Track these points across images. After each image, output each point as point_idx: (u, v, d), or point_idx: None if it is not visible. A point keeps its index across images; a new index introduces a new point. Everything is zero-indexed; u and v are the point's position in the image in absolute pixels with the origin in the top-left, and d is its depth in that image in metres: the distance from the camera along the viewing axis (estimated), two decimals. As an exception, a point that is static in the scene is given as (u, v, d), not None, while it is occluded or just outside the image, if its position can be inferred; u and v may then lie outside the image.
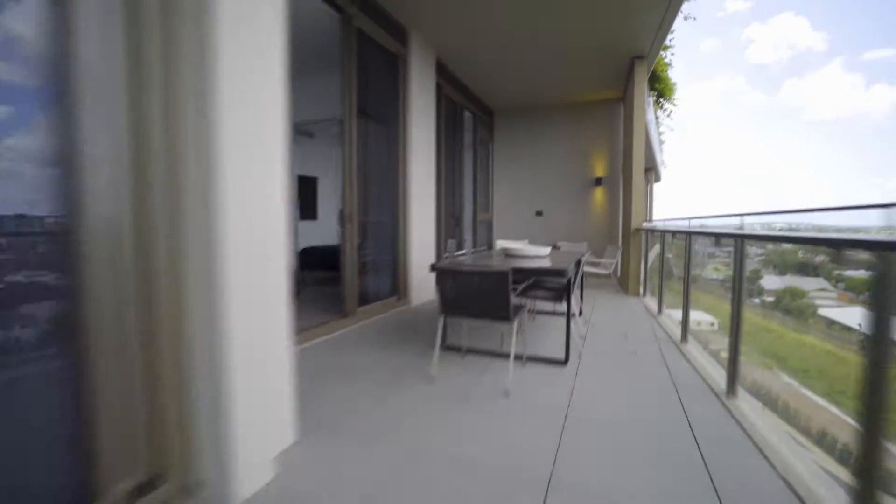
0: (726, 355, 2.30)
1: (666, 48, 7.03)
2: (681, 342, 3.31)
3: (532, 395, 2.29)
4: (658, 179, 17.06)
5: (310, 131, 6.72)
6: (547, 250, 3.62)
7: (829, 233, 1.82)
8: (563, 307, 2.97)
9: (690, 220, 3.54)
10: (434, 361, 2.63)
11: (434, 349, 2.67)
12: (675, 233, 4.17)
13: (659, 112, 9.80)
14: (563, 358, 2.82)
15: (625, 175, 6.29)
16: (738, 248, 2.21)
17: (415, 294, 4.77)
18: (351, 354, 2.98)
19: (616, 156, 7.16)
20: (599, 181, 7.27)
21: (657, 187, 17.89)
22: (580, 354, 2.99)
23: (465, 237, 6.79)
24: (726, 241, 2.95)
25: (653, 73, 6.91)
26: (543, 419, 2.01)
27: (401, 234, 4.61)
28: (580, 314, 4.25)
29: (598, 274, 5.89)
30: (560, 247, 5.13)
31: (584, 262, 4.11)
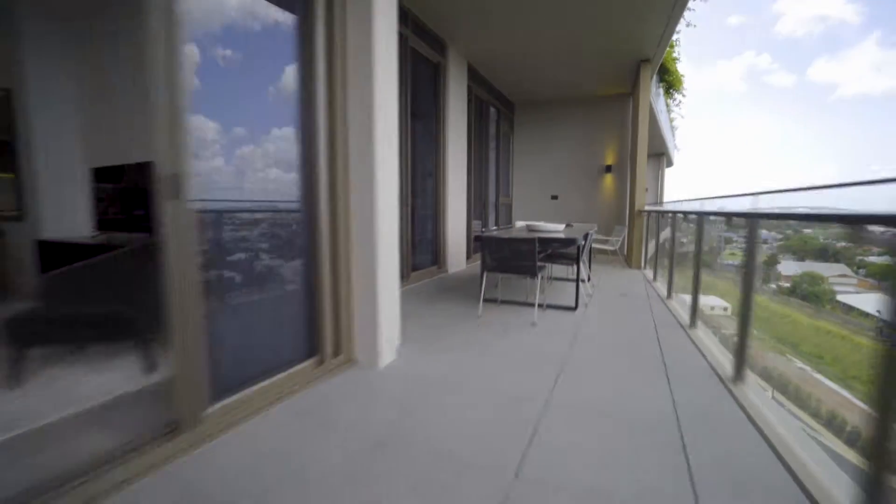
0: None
1: (672, 45, 7.71)
2: (689, 328, 3.28)
3: (551, 325, 3.27)
4: (670, 164, 17.58)
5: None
6: (562, 227, 4.55)
7: (841, 211, 1.59)
8: (575, 271, 3.91)
9: (704, 202, 3.41)
10: (480, 306, 3.63)
11: (476, 300, 3.66)
12: (674, 213, 5.02)
13: (670, 100, 10.46)
14: (574, 305, 3.79)
15: (631, 163, 7.10)
16: (751, 229, 2.12)
17: (450, 264, 5.76)
18: (416, 304, 3.97)
19: (624, 145, 7.94)
20: (609, 168, 8.09)
21: (670, 171, 18.40)
22: (586, 304, 3.95)
23: (490, 218, 7.72)
24: (740, 225, 2.68)
25: (662, 66, 7.62)
26: (559, 337, 2.98)
27: (440, 215, 5.57)
28: (588, 280, 5.18)
29: (606, 250, 6.80)
30: (573, 226, 6.03)
31: (593, 239, 5.03)
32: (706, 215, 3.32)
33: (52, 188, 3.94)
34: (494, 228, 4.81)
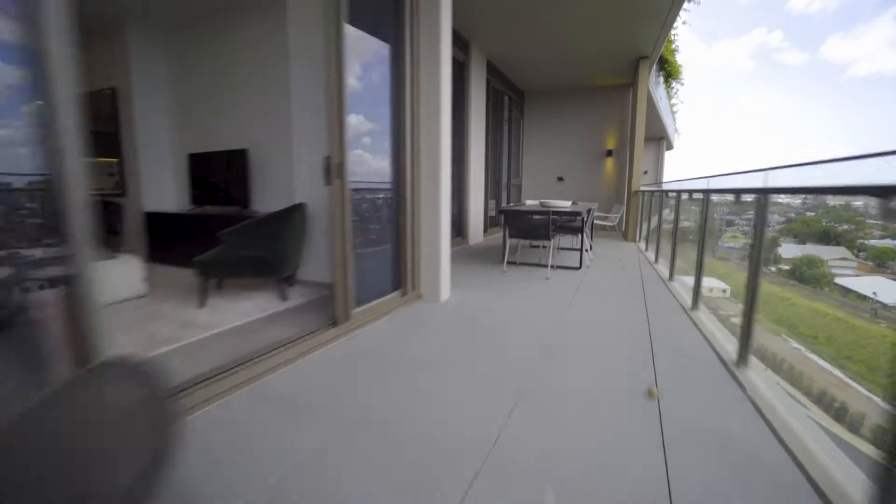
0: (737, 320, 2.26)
1: (671, 40, 8.42)
2: (668, 280, 4.17)
3: (560, 279, 4.21)
4: (670, 147, 18.28)
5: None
6: (569, 203, 5.44)
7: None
8: (579, 241, 4.84)
9: (709, 180, 3.30)
10: (504, 265, 4.57)
11: (498, 264, 4.59)
12: (664, 192, 5.90)
13: (669, 89, 11.17)
14: (578, 266, 4.72)
15: (630, 148, 7.93)
16: (760, 206, 1.97)
17: (471, 236, 6.69)
18: (451, 266, 4.90)
19: (624, 131, 8.75)
20: (610, 152, 8.92)
21: (673, 154, 19.09)
22: (588, 266, 4.89)
23: (502, 197, 8.60)
24: (745, 208, 2.54)
25: (661, 57, 8.35)
26: (567, 286, 3.93)
27: (464, 194, 6.46)
28: (591, 249, 6.11)
29: (606, 226, 7.71)
30: (577, 204, 6.92)
31: (594, 215, 5.93)
32: (685, 192, 4.21)
33: (152, 170, 4.83)
34: (512, 205, 5.71)
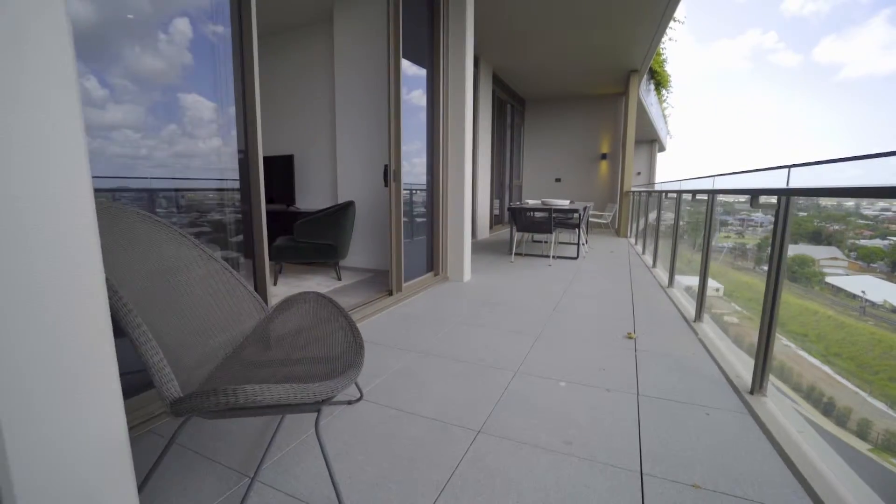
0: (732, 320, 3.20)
1: (659, 53, 9.20)
2: (652, 267, 5.85)
3: (560, 266, 4.95)
4: (662, 150, 19.13)
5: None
6: (567, 202, 6.19)
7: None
8: (576, 235, 5.58)
9: (714, 179, 3.22)
10: (512, 256, 5.32)
11: (505, 255, 5.34)
12: (650, 193, 6.65)
13: (659, 96, 11.97)
14: (575, 256, 5.47)
15: (622, 152, 8.69)
16: (782, 208, 1.73)
17: (479, 232, 7.43)
18: (463, 256, 5.65)
19: (618, 136, 9.52)
20: (604, 156, 9.69)
21: (665, 156, 19.91)
22: (584, 257, 5.64)
23: (505, 197, 9.35)
24: (740, 208, 2.92)
25: (652, 68, 9.12)
26: (567, 272, 4.67)
27: (473, 195, 7.19)
28: (586, 243, 6.86)
29: (600, 223, 8.48)
30: (574, 203, 7.68)
31: (590, 213, 6.67)
32: (685, 193, 4.98)
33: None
34: (518, 203, 6.45)
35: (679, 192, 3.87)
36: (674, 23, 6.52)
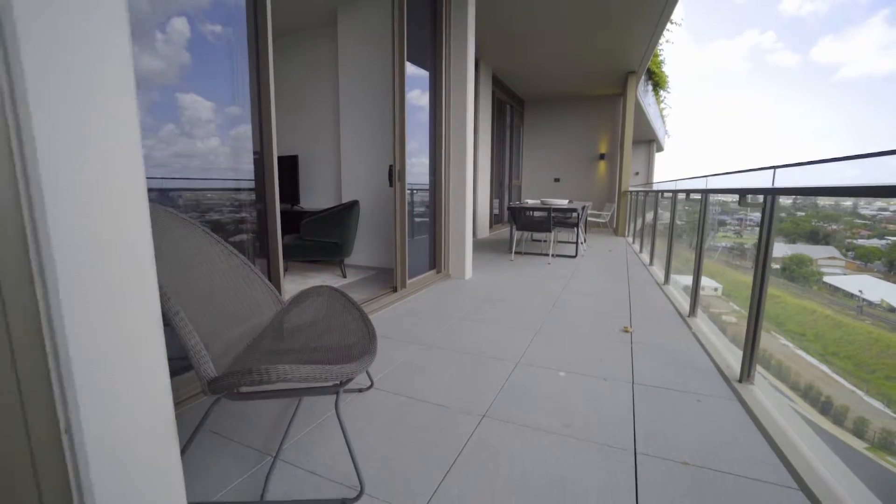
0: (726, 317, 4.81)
1: (657, 54, 9.31)
2: (649, 265, 5.97)
3: (559, 264, 5.06)
4: (660, 150, 19.27)
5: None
6: (566, 201, 6.30)
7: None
8: (575, 234, 5.69)
9: (707, 179, 3.28)
10: (511, 254, 5.42)
11: (505, 253, 5.44)
12: (647, 192, 6.76)
13: (657, 96, 12.09)
14: (574, 254, 5.58)
15: (620, 152, 8.81)
16: (768, 206, 1.85)
17: (479, 231, 7.53)
18: (463, 254, 5.75)
19: (616, 137, 9.63)
20: (603, 156, 9.80)
21: (664, 156, 20.06)
22: (583, 255, 5.75)
23: (504, 196, 9.45)
24: (738, 208, 2.85)
25: (649, 69, 9.23)
26: (565, 269, 4.78)
27: (474, 194, 7.29)
28: (584, 241, 6.98)
29: (598, 223, 8.59)
30: (573, 202, 7.79)
31: (588, 213, 6.78)
32: (679, 192, 5.09)
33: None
34: (518, 202, 6.56)
35: (674, 192, 3.98)
36: (671, 25, 6.64)
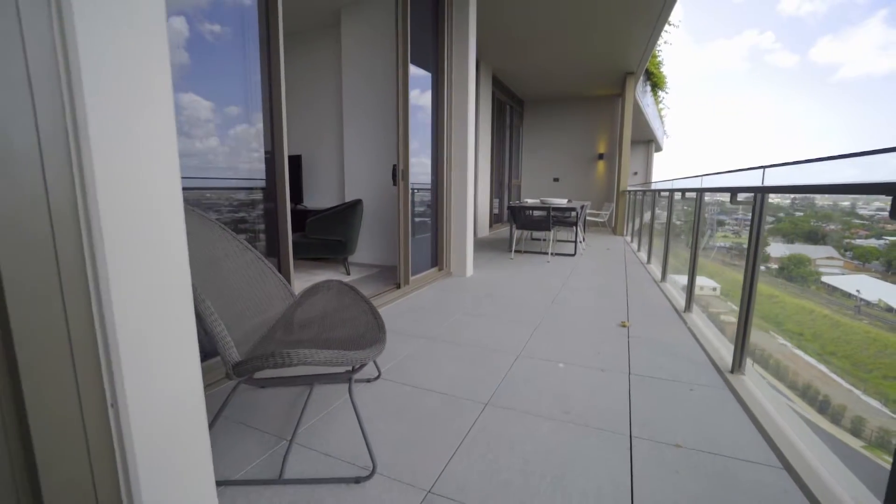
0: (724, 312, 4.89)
1: (655, 55, 9.40)
2: (646, 263, 6.06)
3: (558, 262, 5.15)
4: (659, 150, 19.37)
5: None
6: (565, 201, 6.39)
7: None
8: (573, 233, 5.78)
9: (703, 178, 3.30)
10: (511, 252, 5.51)
11: (505, 252, 5.53)
12: (644, 192, 6.85)
13: (656, 97, 12.18)
14: (573, 253, 5.67)
15: (619, 152, 8.89)
16: (758, 203, 1.93)
17: (479, 230, 7.62)
18: (464, 253, 5.83)
19: (615, 137, 9.72)
20: (602, 156, 9.89)
21: (662, 156, 20.18)
22: (582, 253, 5.84)
23: (504, 196, 9.54)
24: (737, 208, 2.84)
25: (648, 70, 9.31)
26: (565, 267, 4.86)
27: (475, 194, 7.38)
28: (583, 240, 7.06)
29: (597, 222, 8.67)
30: (572, 201, 7.88)
31: (587, 212, 6.87)
32: (677, 191, 5.17)
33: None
34: (518, 202, 6.64)
35: (671, 191, 4.06)
36: (669, 26, 6.73)
